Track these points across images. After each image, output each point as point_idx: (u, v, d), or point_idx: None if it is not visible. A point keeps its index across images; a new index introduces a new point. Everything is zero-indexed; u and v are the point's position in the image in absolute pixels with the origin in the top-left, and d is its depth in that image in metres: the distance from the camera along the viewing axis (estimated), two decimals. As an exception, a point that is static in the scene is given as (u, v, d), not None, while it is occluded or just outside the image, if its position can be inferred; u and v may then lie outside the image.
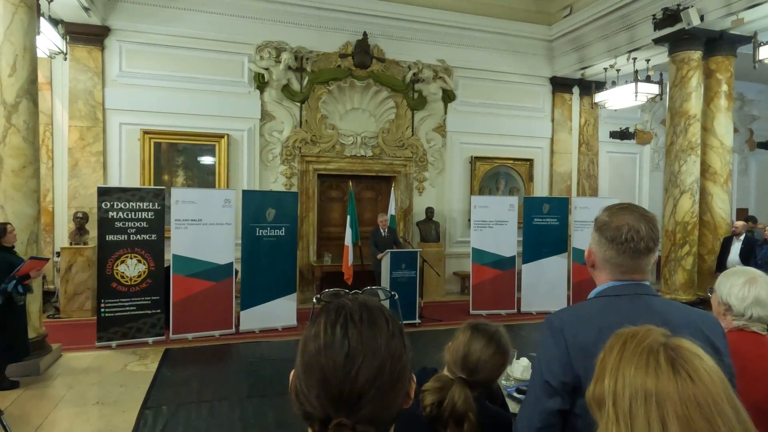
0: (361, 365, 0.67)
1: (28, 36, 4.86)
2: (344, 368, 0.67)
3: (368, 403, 0.66)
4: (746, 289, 1.69)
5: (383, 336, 0.71)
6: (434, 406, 1.40)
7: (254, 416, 4.08)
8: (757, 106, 11.43)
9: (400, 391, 0.71)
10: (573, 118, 9.94)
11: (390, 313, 0.76)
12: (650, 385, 0.70)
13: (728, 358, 1.24)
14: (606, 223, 1.32)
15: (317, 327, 0.72)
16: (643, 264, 1.30)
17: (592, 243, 1.37)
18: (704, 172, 7.49)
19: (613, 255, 1.30)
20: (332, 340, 0.69)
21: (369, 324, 0.71)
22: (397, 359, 0.71)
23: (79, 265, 6.91)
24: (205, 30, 7.77)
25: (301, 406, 0.69)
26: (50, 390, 4.55)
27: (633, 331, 0.80)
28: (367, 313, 0.72)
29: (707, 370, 0.71)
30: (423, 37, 8.83)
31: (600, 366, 0.79)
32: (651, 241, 1.28)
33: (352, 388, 0.66)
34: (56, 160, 7.37)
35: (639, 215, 1.30)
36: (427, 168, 9.05)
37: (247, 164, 8.10)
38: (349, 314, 0.71)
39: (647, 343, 0.76)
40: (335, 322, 0.71)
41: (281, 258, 6.66)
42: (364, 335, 0.69)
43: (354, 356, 0.67)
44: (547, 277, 7.75)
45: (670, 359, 0.72)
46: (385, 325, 0.72)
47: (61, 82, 7.32)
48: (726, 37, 7.21)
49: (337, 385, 0.66)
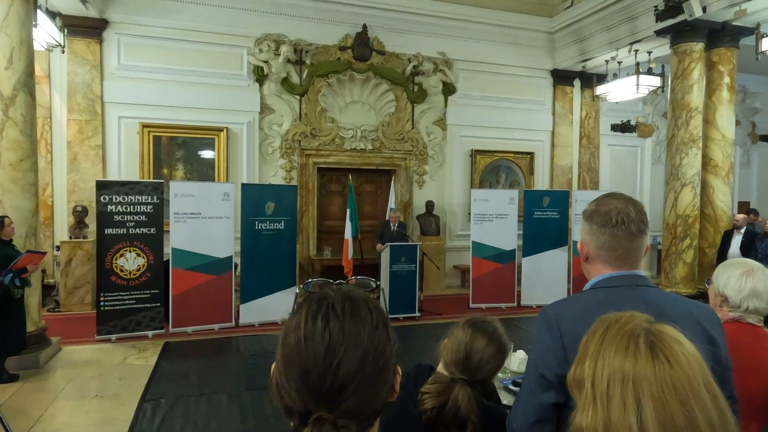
0: (342, 357, 0.65)
1: (25, 28, 4.83)
2: (325, 361, 0.64)
3: (350, 397, 0.64)
4: (743, 280, 1.68)
5: (366, 327, 0.68)
6: (435, 409, 1.38)
7: (253, 409, 4.09)
8: (759, 98, 11.36)
9: (383, 384, 0.69)
10: (574, 110, 9.89)
11: (375, 303, 0.74)
12: (628, 367, 0.72)
13: (725, 350, 1.23)
14: (594, 210, 1.31)
15: (298, 318, 0.69)
16: (637, 247, 1.29)
17: (583, 234, 1.35)
18: (706, 165, 7.45)
19: (607, 239, 1.28)
20: (313, 332, 0.66)
21: (351, 315, 0.68)
22: (381, 351, 0.68)
23: (78, 258, 6.91)
24: (203, 23, 7.73)
25: (281, 399, 0.67)
26: (50, 383, 4.56)
27: (617, 316, 0.81)
28: (350, 304, 0.70)
29: (686, 355, 0.72)
30: (423, 30, 8.77)
31: (582, 349, 0.80)
32: (642, 223, 1.28)
33: (333, 381, 0.64)
34: (55, 154, 7.35)
35: (626, 200, 1.31)
36: (427, 161, 9.02)
37: (247, 158, 8.07)
38: (331, 305, 0.69)
39: (629, 328, 0.76)
40: (317, 313, 0.68)
41: (281, 251, 6.65)
42: (346, 327, 0.67)
43: (335, 348, 0.65)
44: (547, 271, 7.73)
45: (650, 343, 0.73)
46: (368, 316, 0.70)
47: (60, 75, 7.29)
48: (728, 29, 7.14)
49: (317, 378, 0.64)
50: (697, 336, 0.77)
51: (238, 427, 3.79)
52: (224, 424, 3.83)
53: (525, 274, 7.80)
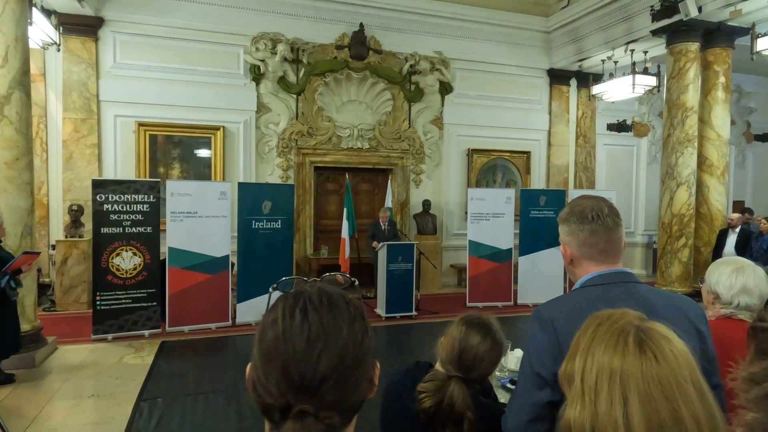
0: (322, 349, 0.65)
1: (20, 26, 4.80)
2: (305, 353, 0.64)
3: (330, 389, 0.64)
4: (734, 277, 1.72)
5: (344, 320, 0.69)
6: (432, 407, 1.39)
7: (250, 408, 4.07)
8: (754, 98, 11.41)
9: (363, 376, 0.69)
10: (570, 110, 9.92)
11: (350, 298, 0.74)
12: (616, 363, 0.73)
13: (711, 342, 1.28)
14: (569, 212, 1.37)
15: (275, 314, 0.69)
16: (616, 239, 1.33)
17: (563, 237, 1.39)
18: (701, 164, 7.49)
19: (587, 235, 1.32)
20: (291, 326, 0.66)
21: (329, 308, 0.69)
22: (359, 343, 0.69)
23: (74, 257, 6.89)
24: (200, 21, 7.71)
25: (259, 398, 0.66)
26: (46, 383, 4.54)
27: (609, 313, 0.82)
28: (327, 298, 0.70)
29: (674, 352, 0.73)
30: (420, 29, 8.77)
31: (574, 345, 0.82)
32: (616, 216, 1.33)
33: (314, 374, 0.64)
34: (50, 153, 7.32)
35: (596, 198, 1.37)
36: (424, 160, 9.03)
37: (243, 157, 8.06)
38: (308, 299, 0.69)
39: (620, 325, 0.78)
40: (294, 308, 0.68)
41: (277, 250, 6.65)
42: (325, 319, 0.67)
43: (315, 341, 0.65)
44: (543, 270, 7.75)
45: (639, 340, 0.75)
46: (346, 309, 0.70)
47: (55, 73, 7.26)
48: (724, 29, 7.18)
49: (297, 370, 0.64)
50: (685, 329, 0.79)
51: (235, 426, 3.79)
52: (221, 423, 3.83)
53: (521, 273, 7.82)
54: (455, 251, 9.10)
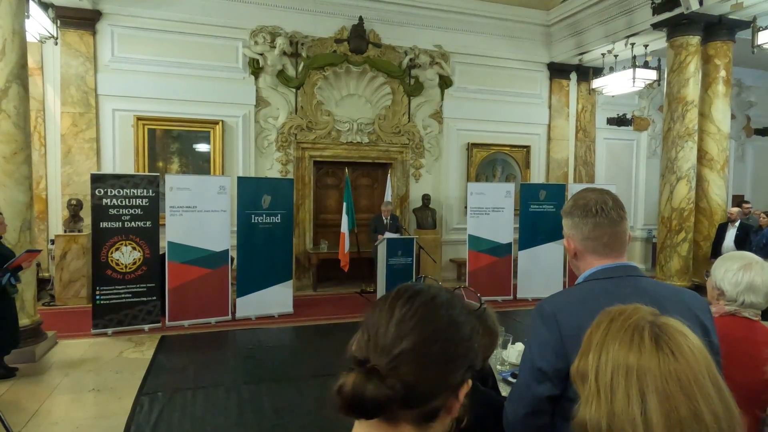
0: (413, 328, 0.69)
1: (17, 19, 4.77)
2: (398, 325, 0.70)
3: (406, 364, 0.68)
4: (740, 274, 1.67)
5: (453, 313, 0.73)
6: None
7: (250, 402, 4.10)
8: (754, 92, 11.38)
9: (446, 373, 0.70)
10: (570, 104, 9.89)
11: (471, 309, 0.79)
12: (632, 359, 0.72)
13: (715, 336, 1.26)
14: (572, 205, 1.35)
15: (389, 297, 0.75)
16: (620, 232, 1.31)
17: (566, 230, 1.38)
18: (701, 158, 7.47)
19: (591, 229, 1.31)
20: (396, 303, 0.73)
21: (445, 303, 0.74)
22: (458, 342, 0.72)
23: (73, 252, 6.88)
24: (198, 14, 7.66)
25: (351, 352, 0.72)
26: (46, 377, 4.55)
27: (621, 308, 0.81)
28: (448, 295, 0.76)
29: (691, 348, 0.72)
30: (419, 22, 8.72)
31: (586, 341, 0.80)
32: (620, 209, 1.31)
33: (396, 343, 0.69)
34: (49, 147, 7.29)
35: (600, 191, 1.35)
36: (423, 155, 9.01)
37: (243, 151, 8.04)
38: (431, 293, 0.75)
39: (634, 321, 0.76)
40: (406, 292, 0.75)
41: (277, 245, 6.64)
42: (428, 309, 0.72)
43: (409, 319, 0.70)
44: (543, 264, 7.76)
45: (655, 336, 0.73)
46: (461, 310, 0.75)
47: (53, 67, 7.22)
48: (725, 22, 7.15)
49: (385, 336, 0.69)
50: (691, 323, 0.78)
51: (235, 420, 3.79)
52: (221, 417, 3.84)
53: (521, 267, 7.82)
54: (455, 245, 9.10)
